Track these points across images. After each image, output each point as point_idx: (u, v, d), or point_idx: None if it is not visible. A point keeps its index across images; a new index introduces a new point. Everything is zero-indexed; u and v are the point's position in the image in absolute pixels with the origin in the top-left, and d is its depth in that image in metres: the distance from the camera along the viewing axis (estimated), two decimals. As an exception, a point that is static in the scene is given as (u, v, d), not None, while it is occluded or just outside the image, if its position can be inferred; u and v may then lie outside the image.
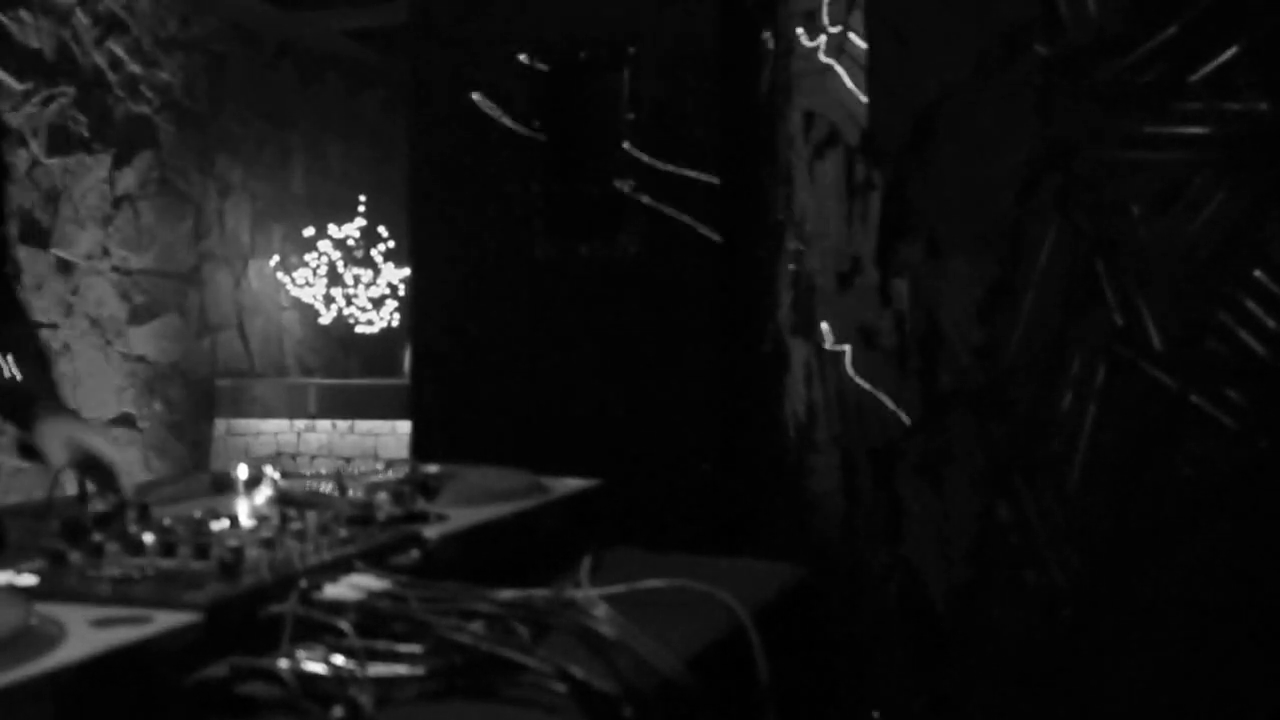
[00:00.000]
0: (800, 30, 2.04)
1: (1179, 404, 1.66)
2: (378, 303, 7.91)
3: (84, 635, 0.84)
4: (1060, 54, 1.74)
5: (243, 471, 1.39)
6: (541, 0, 2.35)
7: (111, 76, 6.33)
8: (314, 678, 0.90)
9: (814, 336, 2.01)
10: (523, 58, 2.33)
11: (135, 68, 6.49)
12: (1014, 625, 1.74)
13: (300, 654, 0.93)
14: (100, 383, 6.26)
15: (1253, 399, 1.62)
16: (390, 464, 1.64)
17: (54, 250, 6.04)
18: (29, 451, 1.50)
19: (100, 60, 6.33)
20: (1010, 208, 1.78)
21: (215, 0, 6.87)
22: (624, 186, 2.28)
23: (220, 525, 1.16)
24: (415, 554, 1.19)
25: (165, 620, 0.88)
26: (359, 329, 7.89)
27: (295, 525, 1.16)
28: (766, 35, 2.17)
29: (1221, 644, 1.63)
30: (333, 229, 7.77)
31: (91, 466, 1.47)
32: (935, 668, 1.80)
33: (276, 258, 7.67)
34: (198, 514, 1.21)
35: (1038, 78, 1.76)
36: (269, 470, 1.41)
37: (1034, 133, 1.76)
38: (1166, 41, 1.68)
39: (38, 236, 6.00)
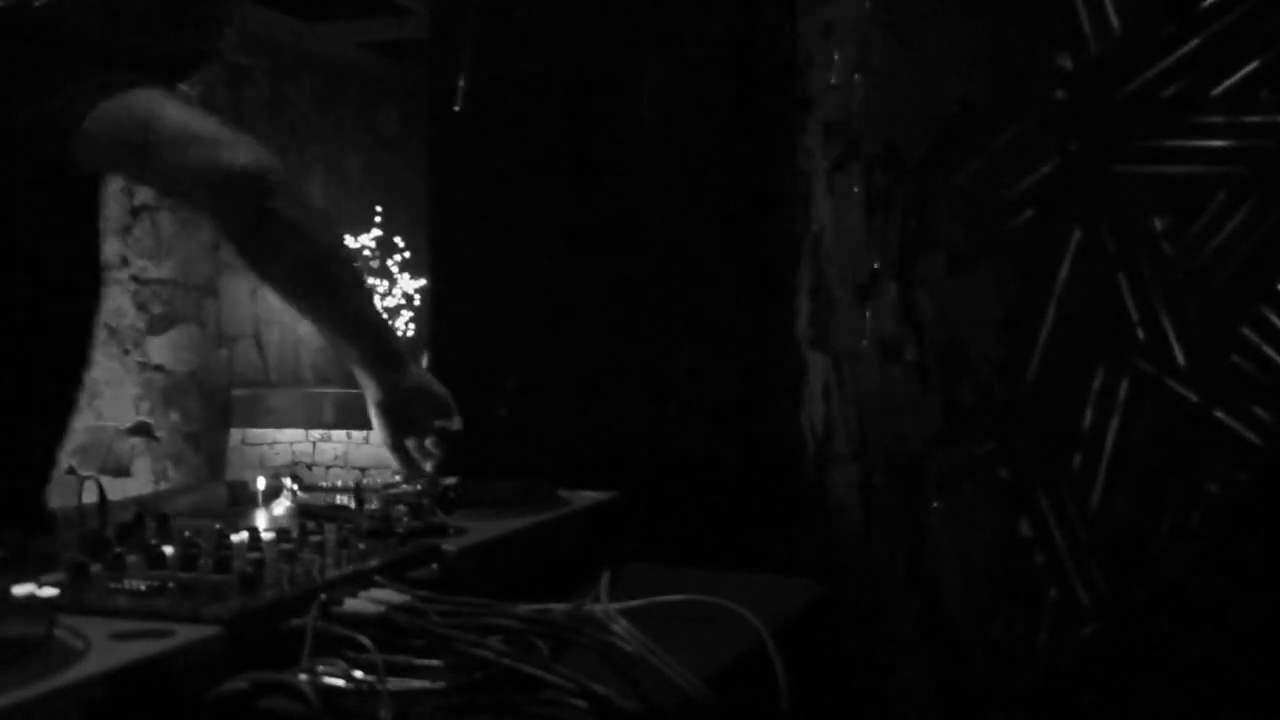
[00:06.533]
0: (819, 42, 2.03)
1: (1202, 419, 1.64)
2: (393, 313, 7.92)
3: (105, 648, 0.84)
4: (1082, 67, 1.74)
5: (261, 482, 1.39)
6: (561, 14, 2.35)
7: (131, 87, 6.35)
8: (334, 692, 0.90)
9: (832, 350, 2.00)
10: (542, 71, 2.34)
11: (155, 79, 6.51)
12: (1036, 642, 1.72)
13: (320, 668, 0.93)
14: (118, 392, 6.28)
15: (1277, 414, 1.61)
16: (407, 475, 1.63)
17: (73, 260, 6.05)
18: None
19: (120, 71, 6.33)
20: (1031, 221, 1.77)
21: (235, 13, 6.91)
22: (644, 200, 2.28)
23: (240, 538, 1.16)
24: (434, 567, 1.19)
25: (186, 633, 0.88)
26: (375, 339, 7.90)
27: (315, 538, 1.16)
28: (785, 47, 2.16)
29: (1247, 662, 1.61)
30: (349, 240, 7.78)
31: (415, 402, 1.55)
32: (956, 685, 1.79)
33: (294, 268, 7.68)
34: (218, 526, 1.21)
35: (1060, 91, 1.76)
36: (287, 482, 1.41)
37: (1055, 146, 1.76)
38: (1188, 55, 1.67)
39: (57, 246, 6.02)
